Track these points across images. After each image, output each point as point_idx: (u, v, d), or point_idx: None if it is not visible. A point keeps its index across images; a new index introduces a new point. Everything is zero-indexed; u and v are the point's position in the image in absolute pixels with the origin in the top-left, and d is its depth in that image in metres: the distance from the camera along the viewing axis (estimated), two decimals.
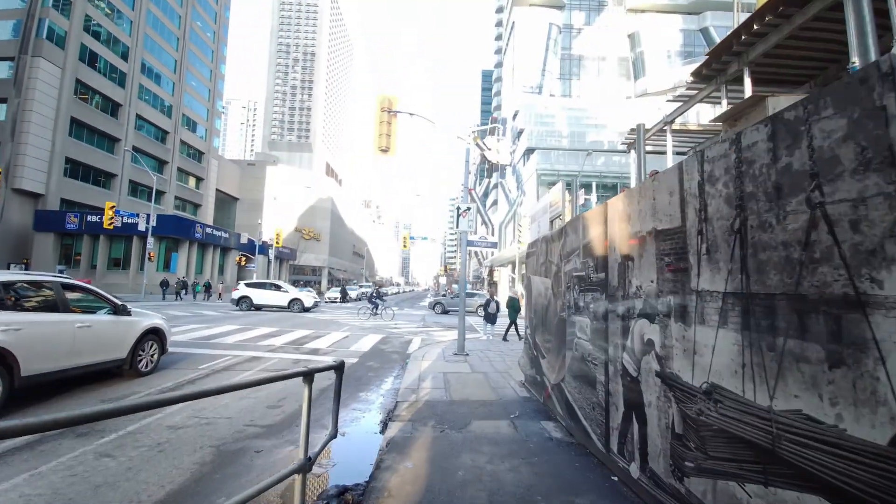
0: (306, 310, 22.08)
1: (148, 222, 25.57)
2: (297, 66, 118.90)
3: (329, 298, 35.04)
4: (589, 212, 4.31)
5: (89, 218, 35.19)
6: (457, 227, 9.66)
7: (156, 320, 7.03)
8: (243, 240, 34.55)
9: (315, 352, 9.88)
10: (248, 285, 22.35)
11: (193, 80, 57.51)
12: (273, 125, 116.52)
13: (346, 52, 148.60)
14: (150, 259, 26.40)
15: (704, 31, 49.08)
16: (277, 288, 22.66)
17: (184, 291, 26.82)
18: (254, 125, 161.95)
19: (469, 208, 9.93)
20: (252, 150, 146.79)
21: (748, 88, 6.84)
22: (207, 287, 26.64)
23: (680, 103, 8.64)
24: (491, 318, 13.51)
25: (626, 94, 47.66)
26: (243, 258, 32.60)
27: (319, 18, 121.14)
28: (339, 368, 2.65)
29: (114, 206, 24.48)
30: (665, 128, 9.48)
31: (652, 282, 3.01)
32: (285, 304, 21.94)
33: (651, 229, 3.04)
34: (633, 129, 11.08)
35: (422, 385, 6.84)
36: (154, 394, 5.93)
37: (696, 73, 7.62)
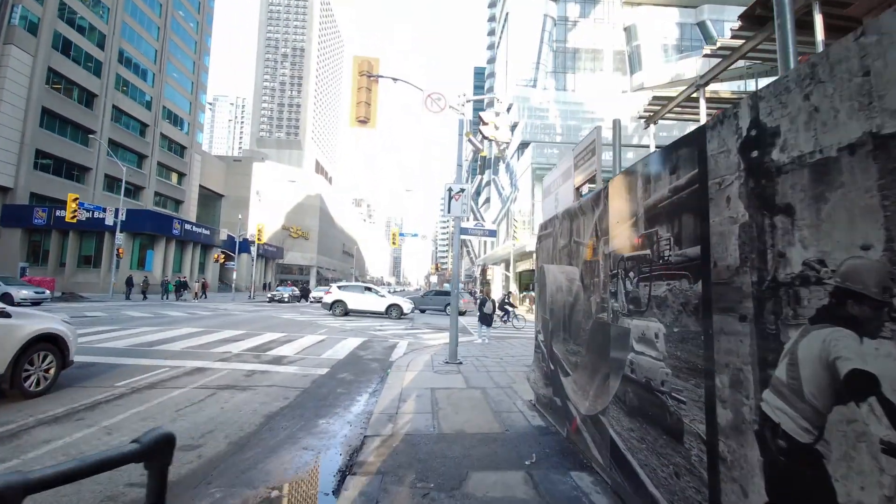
0: (403, 315, 19.38)
1: (116, 216, 23.63)
2: (286, 62, 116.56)
3: (314, 298, 33.25)
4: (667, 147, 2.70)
5: (58, 213, 33.05)
6: (448, 211, 8.04)
7: (50, 324, 5.33)
8: (223, 236, 32.65)
9: (279, 360, 8.21)
10: (341, 288, 19.73)
11: (175, 71, 55.35)
12: (262, 122, 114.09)
13: (336, 48, 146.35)
14: (118, 255, 24.44)
15: (701, 25, 48.00)
16: (373, 291, 20.07)
17: (180, 291, 24.86)
18: (242, 122, 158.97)
19: (463, 190, 8.32)
20: (240, 148, 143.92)
21: (820, 29, 5.35)
22: (180, 286, 24.69)
23: (719, 58, 7.10)
24: (486, 320, 11.93)
25: (622, 89, 46.37)
26: (222, 255, 30.71)
27: (309, 12, 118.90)
28: (149, 453, 1.05)
29: (77, 199, 22.53)
30: (696, 93, 7.95)
31: (867, 249, 1.41)
32: (382, 309, 19.14)
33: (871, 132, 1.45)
34: (655, 98, 9.55)
35: (402, 408, 5.22)
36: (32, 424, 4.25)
37: (745, 16, 6.08)
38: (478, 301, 18.59)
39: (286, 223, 73.72)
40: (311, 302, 32.20)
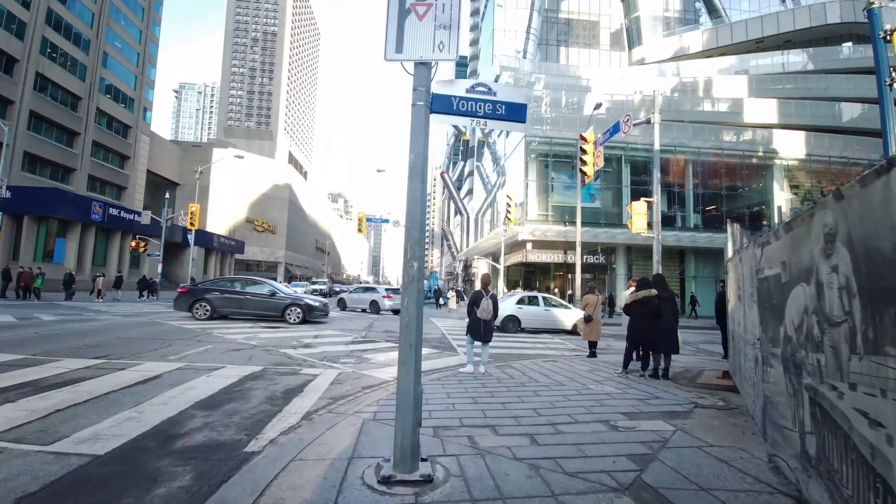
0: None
1: None
2: (257, 47, 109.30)
3: None
4: None
5: None
6: (397, 50, 2.74)
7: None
8: (145, 220, 26.66)
9: None
10: (519, 303, 14.86)
11: (117, 40, 48.69)
12: (230, 110, 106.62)
13: (312, 36, 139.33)
14: None
15: None
16: (547, 304, 14.92)
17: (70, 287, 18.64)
18: (211, 111, 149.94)
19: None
20: (209, 138, 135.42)
21: None
22: (68, 281, 18.69)
23: None
24: (480, 330, 6.87)
25: (620, 63, 41.96)
26: (141, 243, 24.83)
27: None
28: None
29: None
30: None
31: None
32: (568, 326, 14.42)
33: None
34: None
35: None
36: None
37: None
38: (463, 297, 13.81)
39: (250, 215, 67.40)
40: None
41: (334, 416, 4.30)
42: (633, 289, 8.74)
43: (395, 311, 19.76)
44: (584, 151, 12.48)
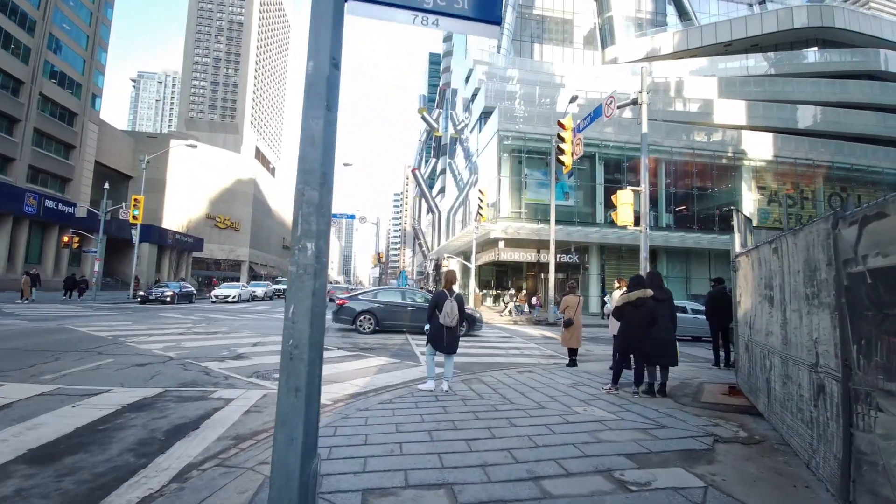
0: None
1: None
2: (222, 36, 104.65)
3: (217, 297, 25.64)
4: None
5: None
6: None
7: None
8: (80, 212, 24.10)
9: None
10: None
11: (65, 21, 45.14)
12: (192, 101, 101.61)
13: (281, 29, 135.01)
14: None
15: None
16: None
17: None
18: (173, 103, 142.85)
19: None
20: (169, 130, 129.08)
21: None
22: None
23: None
24: (441, 338, 5.66)
25: (593, 62, 41.65)
26: (75, 238, 22.39)
27: None
28: None
29: None
30: None
31: None
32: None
33: None
34: None
35: None
36: None
37: None
38: (424, 295, 12.49)
39: (211, 211, 64.02)
40: (214, 301, 24.64)
41: (224, 471, 2.98)
42: (622, 289, 7.69)
43: None
44: (561, 139, 11.44)
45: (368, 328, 11.92)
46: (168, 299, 20.78)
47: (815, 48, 37.61)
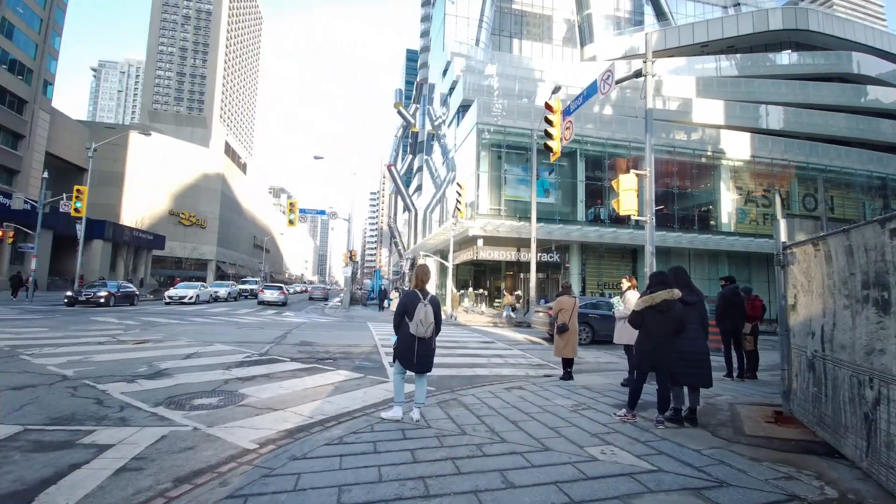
0: None
1: None
2: (189, 25, 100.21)
3: (172, 297, 23.57)
4: None
5: None
6: None
7: None
8: (15, 204, 21.62)
9: None
10: None
11: (19, 4, 41.88)
12: (157, 92, 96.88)
13: (253, 20, 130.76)
14: None
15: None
16: None
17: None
18: (136, 94, 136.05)
19: None
20: (132, 122, 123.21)
21: None
22: None
23: None
24: (413, 354, 4.36)
25: (572, 59, 41.07)
26: (9, 232, 19.99)
27: None
28: None
29: None
30: None
31: None
32: None
33: None
34: None
35: None
36: None
37: None
38: (390, 296, 11.28)
39: (175, 207, 60.73)
40: (167, 303, 22.60)
41: None
42: (633, 289, 6.52)
43: (271, 303, 25.30)
44: (549, 123, 10.30)
45: (586, 339, 12.04)
46: (102, 301, 18.51)
47: (790, 50, 37.96)
